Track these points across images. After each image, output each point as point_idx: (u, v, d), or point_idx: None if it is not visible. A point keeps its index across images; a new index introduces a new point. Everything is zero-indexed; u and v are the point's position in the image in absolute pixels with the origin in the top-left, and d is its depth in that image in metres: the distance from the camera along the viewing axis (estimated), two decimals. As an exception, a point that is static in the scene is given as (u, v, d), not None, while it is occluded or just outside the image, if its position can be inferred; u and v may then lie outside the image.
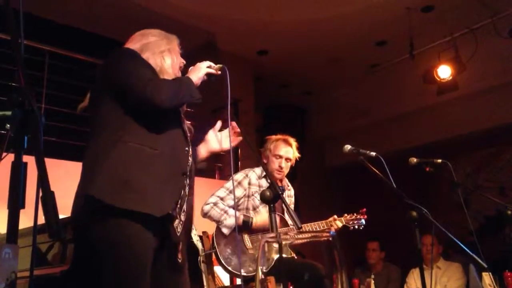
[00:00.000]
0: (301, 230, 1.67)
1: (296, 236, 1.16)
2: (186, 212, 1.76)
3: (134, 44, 1.92)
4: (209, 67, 1.91)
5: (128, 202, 1.52)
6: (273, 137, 3.19)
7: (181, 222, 1.72)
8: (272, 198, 1.44)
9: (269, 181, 2.87)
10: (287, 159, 3.08)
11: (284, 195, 1.53)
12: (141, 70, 1.74)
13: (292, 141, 3.13)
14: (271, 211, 1.46)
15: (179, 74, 1.94)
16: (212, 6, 4.61)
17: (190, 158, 1.82)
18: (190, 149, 1.84)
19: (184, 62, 1.99)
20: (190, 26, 4.59)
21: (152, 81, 1.68)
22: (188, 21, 4.64)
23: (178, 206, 1.69)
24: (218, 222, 2.87)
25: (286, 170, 3.09)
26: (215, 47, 5.12)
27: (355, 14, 4.77)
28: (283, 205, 1.55)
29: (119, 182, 1.54)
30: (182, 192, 1.72)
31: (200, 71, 1.88)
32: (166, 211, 1.60)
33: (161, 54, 1.89)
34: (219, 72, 1.92)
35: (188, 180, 1.77)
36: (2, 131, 1.01)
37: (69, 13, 4.49)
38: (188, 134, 1.87)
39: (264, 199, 1.44)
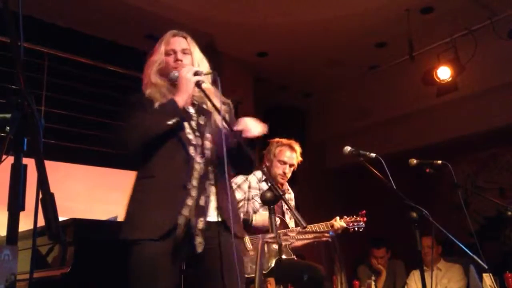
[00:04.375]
0: (306, 229, 1.68)
1: (296, 237, 1.17)
2: (221, 212, 1.88)
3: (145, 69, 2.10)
4: (197, 72, 1.90)
5: (129, 233, 1.81)
6: (278, 141, 3.16)
7: (198, 227, 1.82)
8: (272, 199, 1.44)
9: (269, 184, 2.86)
10: (291, 165, 3.08)
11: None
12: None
13: (297, 146, 3.13)
14: (271, 212, 1.46)
15: (177, 65, 2.00)
16: (211, 8, 4.61)
17: (196, 166, 1.88)
18: (197, 158, 1.89)
19: (177, 50, 2.05)
20: (190, 28, 4.52)
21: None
22: (188, 24, 4.63)
23: (188, 215, 1.80)
24: None
25: (288, 176, 3.09)
26: (214, 49, 5.13)
27: (355, 16, 4.78)
28: (285, 206, 1.56)
29: (126, 217, 1.87)
30: (191, 202, 1.82)
31: (187, 84, 1.89)
32: (163, 231, 1.76)
33: (150, 70, 2.03)
34: (204, 84, 1.90)
35: (202, 185, 1.86)
36: (2, 134, 1.01)
37: (69, 16, 4.49)
38: (191, 143, 1.91)
39: (264, 200, 1.44)
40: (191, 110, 2.02)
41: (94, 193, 3.93)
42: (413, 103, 5.80)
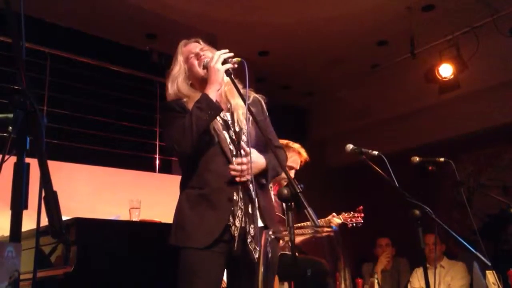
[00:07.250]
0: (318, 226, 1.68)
1: (297, 232, 1.17)
2: (265, 218, 1.95)
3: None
4: (226, 60, 1.94)
5: (179, 240, 1.93)
6: (287, 145, 3.10)
7: (245, 235, 1.91)
8: (289, 196, 1.43)
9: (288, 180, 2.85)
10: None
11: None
12: (168, 128, 2.01)
13: (303, 150, 3.20)
14: (288, 209, 1.45)
15: (200, 67, 2.04)
16: (212, 7, 4.61)
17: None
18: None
19: (195, 52, 2.10)
20: (191, 27, 4.59)
21: (168, 138, 2.02)
22: (189, 23, 4.65)
23: (233, 225, 1.90)
24: None
25: None
26: (215, 48, 5.12)
27: (356, 15, 4.77)
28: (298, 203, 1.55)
29: (175, 226, 1.97)
30: (238, 212, 1.91)
31: (217, 74, 1.93)
32: (208, 242, 1.87)
33: (176, 82, 2.08)
34: (236, 66, 1.94)
35: (246, 192, 1.93)
36: (5, 134, 1.01)
37: (70, 16, 4.50)
38: (233, 153, 1.95)
39: (281, 198, 1.43)
40: (228, 117, 2.05)
41: (97, 193, 3.93)
42: (415, 101, 5.79)
